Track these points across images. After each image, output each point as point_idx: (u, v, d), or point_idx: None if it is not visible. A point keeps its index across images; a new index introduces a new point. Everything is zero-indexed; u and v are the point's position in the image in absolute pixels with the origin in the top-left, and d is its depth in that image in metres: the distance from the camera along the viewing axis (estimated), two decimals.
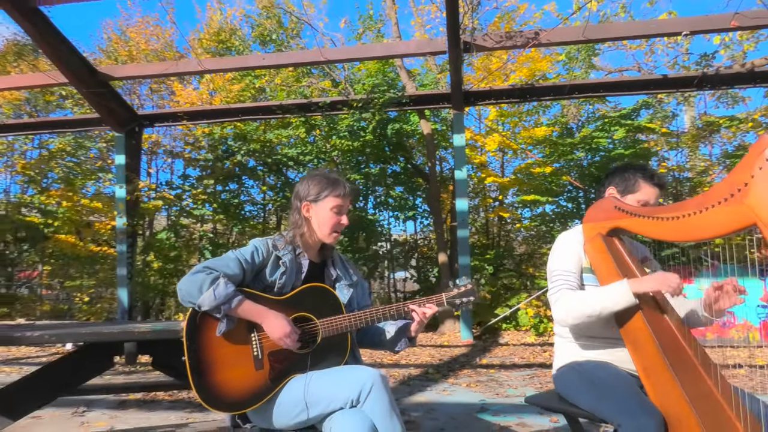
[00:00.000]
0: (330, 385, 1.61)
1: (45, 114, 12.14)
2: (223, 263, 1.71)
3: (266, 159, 10.41)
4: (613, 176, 2.00)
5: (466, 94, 8.96)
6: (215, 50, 12.80)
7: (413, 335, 1.94)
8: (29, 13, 7.50)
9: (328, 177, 1.92)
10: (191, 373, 1.59)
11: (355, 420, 1.51)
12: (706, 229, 1.52)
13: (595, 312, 1.68)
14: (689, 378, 1.49)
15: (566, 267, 1.86)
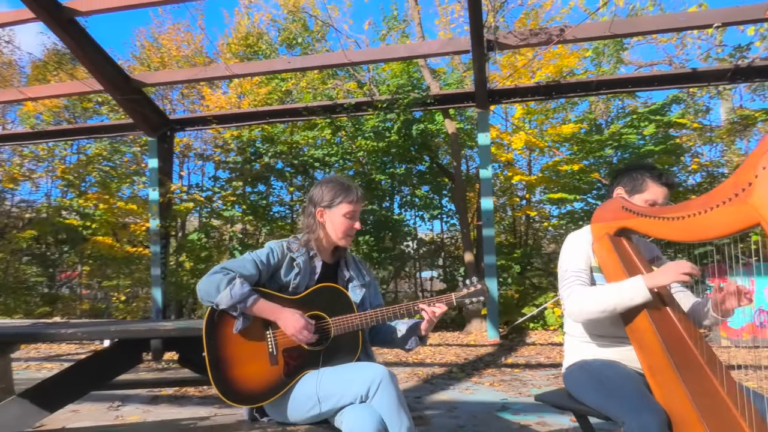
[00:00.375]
0: (341, 381, 1.68)
1: (83, 120, 12.62)
2: (239, 264, 1.80)
3: (293, 161, 10.58)
4: (621, 176, 2.01)
5: (491, 92, 8.93)
6: (243, 54, 13.06)
7: (423, 334, 1.99)
8: (66, 23, 7.81)
9: (341, 183, 1.99)
10: (210, 368, 1.68)
11: (364, 414, 1.58)
12: (711, 228, 1.52)
13: (609, 307, 1.70)
14: (694, 377, 1.50)
15: (577, 265, 1.88)
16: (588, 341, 1.92)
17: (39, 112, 11.96)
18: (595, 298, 1.74)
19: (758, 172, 1.41)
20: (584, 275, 1.86)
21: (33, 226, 12.24)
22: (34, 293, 12.29)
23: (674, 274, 1.62)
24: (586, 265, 1.89)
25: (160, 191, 9.42)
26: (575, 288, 1.82)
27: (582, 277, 1.85)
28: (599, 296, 1.74)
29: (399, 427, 1.59)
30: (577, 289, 1.81)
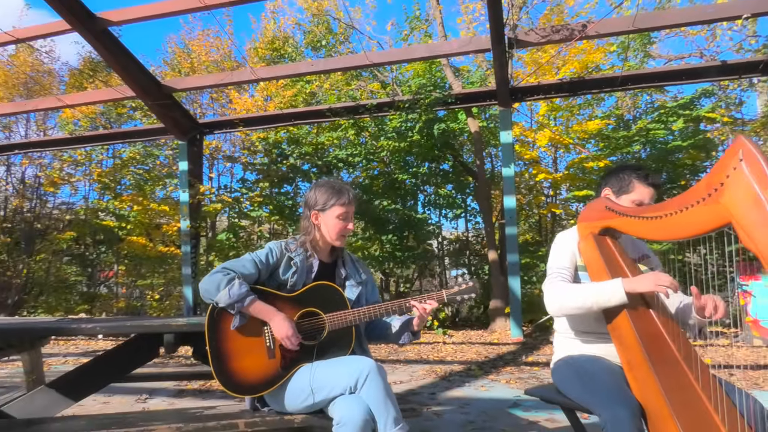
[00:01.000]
0: (332, 373, 1.78)
1: (118, 125, 13.11)
2: (239, 264, 1.92)
3: (317, 162, 10.76)
4: (608, 177, 2.05)
5: (513, 90, 8.90)
6: (269, 58, 13.33)
7: (416, 329, 2.07)
8: (99, 34, 8.13)
9: (333, 186, 2.09)
10: (212, 361, 1.81)
11: (352, 405, 1.67)
12: (686, 227, 1.56)
13: (585, 305, 1.75)
14: (669, 372, 1.54)
15: (561, 263, 1.94)
16: (574, 337, 1.97)
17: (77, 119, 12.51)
18: (575, 295, 1.79)
19: (729, 173, 1.45)
20: (567, 273, 1.91)
21: (72, 227, 12.79)
22: (74, 292, 12.86)
23: (652, 284, 1.66)
24: (571, 263, 1.94)
25: (190, 193, 9.72)
26: (557, 283, 1.88)
27: (564, 275, 1.90)
28: (579, 294, 1.78)
29: (386, 416, 1.68)
30: (558, 285, 1.86)
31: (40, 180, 13.33)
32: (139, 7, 7.92)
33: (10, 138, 13.78)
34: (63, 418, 2.02)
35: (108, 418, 1.93)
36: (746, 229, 1.40)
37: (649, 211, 1.69)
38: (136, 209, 11.31)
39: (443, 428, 3.37)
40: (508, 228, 8.50)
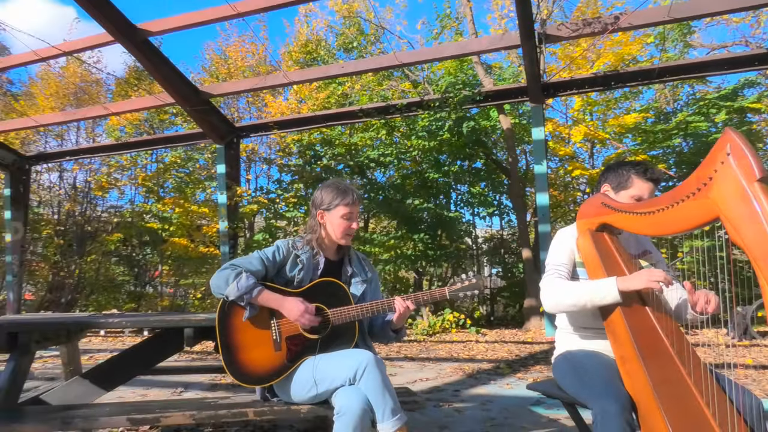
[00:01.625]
0: (333, 366, 1.86)
1: (160, 131, 13.65)
2: (247, 261, 2.02)
3: (348, 162, 10.90)
4: (607, 173, 2.04)
5: (545, 85, 8.77)
6: (303, 61, 13.57)
7: (396, 328, 2.12)
8: (140, 44, 8.49)
9: (338, 187, 2.17)
10: (222, 353, 1.92)
11: (351, 395, 1.75)
12: (678, 222, 1.56)
13: (580, 303, 1.77)
14: (660, 366, 1.54)
15: (558, 260, 1.95)
16: (573, 333, 1.98)
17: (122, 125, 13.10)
18: (570, 293, 1.80)
19: (717, 167, 1.44)
20: (564, 269, 1.93)
21: (119, 229, 13.41)
22: (122, 291, 13.48)
23: (646, 281, 1.66)
24: (569, 259, 1.95)
25: (228, 195, 10.03)
26: (553, 280, 1.89)
27: (561, 271, 1.92)
28: (574, 292, 1.80)
29: (383, 407, 1.75)
30: (555, 282, 1.88)
31: (90, 185, 14.02)
32: (176, 17, 8.24)
33: (62, 145, 14.56)
34: (91, 405, 2.18)
35: (131, 406, 2.08)
36: (733, 223, 1.39)
37: (643, 207, 1.69)
38: (177, 211, 11.76)
39: (462, 424, 3.40)
40: (541, 225, 8.40)
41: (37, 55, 9.10)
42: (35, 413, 1.93)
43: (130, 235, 13.50)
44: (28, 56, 9.18)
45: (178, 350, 2.54)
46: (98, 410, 1.96)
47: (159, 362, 2.54)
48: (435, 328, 9.39)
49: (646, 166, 1.96)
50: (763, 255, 1.31)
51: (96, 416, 1.83)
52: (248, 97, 13.30)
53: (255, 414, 1.89)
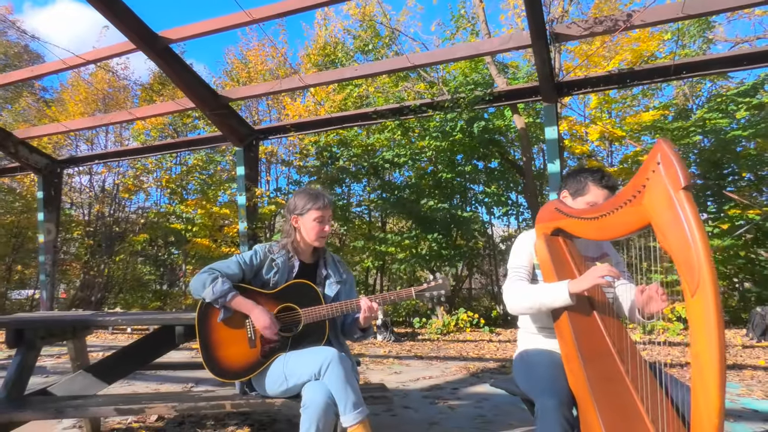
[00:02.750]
0: (300, 362, 1.99)
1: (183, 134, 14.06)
2: (225, 265, 2.17)
3: (363, 163, 11.03)
4: (567, 179, 2.11)
5: (559, 84, 8.74)
6: (322, 63, 13.77)
7: (362, 326, 2.23)
8: (162, 51, 8.76)
9: (310, 193, 2.30)
10: (201, 350, 2.06)
11: (316, 389, 1.88)
12: (617, 228, 1.63)
13: (534, 306, 1.85)
14: (598, 364, 1.62)
15: (518, 262, 2.04)
16: (535, 332, 2.06)
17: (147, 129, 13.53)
18: (526, 296, 1.89)
19: (649, 176, 1.51)
20: (523, 271, 2.01)
21: (146, 230, 13.86)
22: (148, 289, 13.93)
23: (593, 279, 1.73)
24: (528, 262, 2.03)
25: (247, 196, 10.28)
26: (513, 283, 1.98)
27: (521, 273, 2.00)
28: (529, 295, 1.88)
29: (345, 400, 1.87)
30: (513, 285, 1.97)
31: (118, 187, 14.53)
32: (194, 25, 8.48)
33: (92, 149, 15.11)
34: (87, 396, 2.36)
35: (121, 397, 2.24)
36: (661, 229, 1.46)
37: (589, 213, 1.76)
38: (200, 213, 12.10)
39: (452, 421, 3.50)
40: None
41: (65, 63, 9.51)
42: (35, 403, 2.11)
43: (156, 235, 13.94)
44: (57, 65, 9.59)
45: (173, 347, 2.70)
46: (90, 401, 2.13)
47: (155, 358, 2.71)
48: (449, 328, 9.46)
49: (603, 173, 2.02)
50: (685, 260, 1.38)
51: (86, 406, 2.00)
52: (268, 100, 13.58)
53: (232, 406, 2.03)
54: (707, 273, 1.33)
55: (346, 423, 1.86)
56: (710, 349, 1.31)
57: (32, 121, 15.82)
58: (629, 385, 1.58)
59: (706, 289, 1.33)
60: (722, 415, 1.30)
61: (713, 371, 1.30)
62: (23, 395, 2.29)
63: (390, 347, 7.87)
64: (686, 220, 1.39)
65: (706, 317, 1.32)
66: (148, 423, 3.49)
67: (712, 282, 1.33)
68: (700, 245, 1.35)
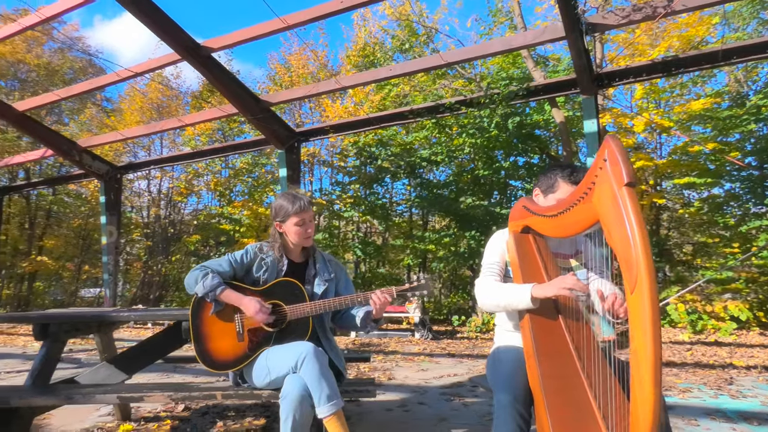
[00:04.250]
0: (281, 355, 2.10)
1: (231, 139, 14.60)
2: (217, 263, 2.31)
3: (399, 162, 11.10)
4: (540, 176, 2.10)
5: (598, 76, 8.49)
6: (362, 64, 13.93)
7: (376, 317, 2.31)
8: (205, 60, 9.17)
9: (288, 198, 2.40)
10: (193, 342, 2.21)
11: (293, 382, 1.98)
12: (572, 225, 1.63)
13: (501, 304, 1.87)
14: (554, 362, 1.62)
15: (491, 260, 2.05)
16: (510, 330, 2.07)
17: (197, 135, 14.17)
18: (493, 295, 1.90)
19: (597, 173, 1.51)
20: (495, 267, 2.02)
21: (198, 231, 14.52)
22: None
23: (557, 289, 1.72)
24: (501, 259, 2.04)
25: None
26: (483, 280, 2.00)
27: (493, 270, 2.01)
28: (496, 293, 1.89)
29: (319, 392, 1.96)
30: (484, 282, 1.98)
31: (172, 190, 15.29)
32: (233, 34, 8.83)
33: (149, 155, 15.98)
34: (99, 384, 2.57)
35: (126, 387, 2.43)
36: (608, 226, 1.46)
37: (550, 210, 1.76)
38: (246, 214, 12.55)
39: (462, 417, 3.52)
40: None
41: (118, 75, 10.13)
42: (53, 390, 2.33)
43: (207, 236, 14.57)
44: (111, 77, 10.23)
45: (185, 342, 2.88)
46: (97, 389, 2.33)
47: (170, 352, 2.91)
48: (489, 326, 9.38)
49: (573, 169, 2.00)
50: (626, 258, 1.38)
51: (93, 394, 2.19)
52: (311, 103, 13.90)
53: (222, 396, 2.17)
54: (644, 270, 1.32)
55: (320, 414, 1.95)
56: (646, 346, 1.31)
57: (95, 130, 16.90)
58: (584, 382, 1.58)
59: (643, 287, 1.32)
60: (657, 411, 1.30)
61: (648, 367, 1.30)
62: (49, 383, 2.53)
63: (426, 345, 7.91)
64: (627, 217, 1.38)
65: (643, 314, 1.32)
66: (175, 413, 3.73)
67: (648, 279, 1.32)
68: (639, 242, 1.35)
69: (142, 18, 7.92)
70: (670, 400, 3.80)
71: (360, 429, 3.25)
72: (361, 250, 10.88)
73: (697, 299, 7.96)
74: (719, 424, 3.14)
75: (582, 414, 1.51)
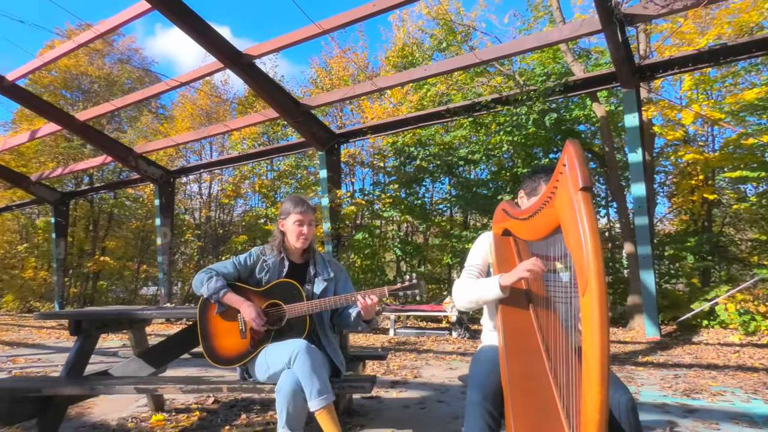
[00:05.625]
0: (277, 352, 2.23)
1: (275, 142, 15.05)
2: (222, 266, 2.46)
3: (436, 161, 11.10)
4: (525, 179, 2.12)
5: (640, 68, 8.23)
6: (401, 65, 14.01)
7: (366, 319, 2.40)
8: (247, 67, 9.53)
9: (293, 200, 2.54)
10: (201, 340, 2.38)
11: (287, 377, 2.11)
12: (540, 228, 1.66)
13: (473, 299, 1.92)
14: (523, 361, 1.65)
15: (471, 262, 2.10)
16: (491, 329, 2.09)
17: (243, 139, 14.69)
18: (465, 291, 1.95)
19: (559, 177, 1.54)
20: (475, 269, 2.06)
21: (245, 232, 15.04)
22: None
23: (520, 272, 1.76)
24: (482, 261, 2.08)
25: (330, 197, 10.83)
26: (461, 280, 2.04)
27: (472, 272, 2.05)
28: (468, 289, 1.94)
29: (311, 387, 2.07)
30: (460, 282, 2.03)
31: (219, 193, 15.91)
32: (272, 41, 9.11)
33: (200, 160, 16.69)
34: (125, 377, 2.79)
35: (142, 379, 2.62)
36: (566, 230, 1.49)
37: (522, 213, 1.79)
38: None
39: None
40: (638, 218, 7.93)
41: (167, 85, 10.68)
42: (80, 380, 2.56)
43: (254, 236, 15.07)
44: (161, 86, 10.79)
45: None
46: (117, 380, 2.53)
47: (192, 348, 3.11)
48: None
49: None
50: (579, 261, 1.41)
51: (113, 384, 2.40)
52: (352, 105, 14.12)
53: (228, 389, 2.32)
54: (594, 274, 1.35)
55: (312, 408, 2.06)
56: (593, 348, 1.34)
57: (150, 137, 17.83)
58: (551, 381, 1.60)
59: (593, 291, 1.35)
60: (604, 412, 1.33)
61: (595, 369, 1.33)
62: (82, 375, 2.77)
63: (461, 344, 7.91)
64: (581, 221, 1.41)
65: (592, 317, 1.35)
66: (205, 405, 3.95)
67: (597, 283, 1.35)
68: (590, 247, 1.37)
69: (186, 29, 8.34)
70: (695, 403, 3.68)
71: (375, 425, 3.34)
72: (400, 250, 10.97)
73: (749, 299, 7.57)
74: (741, 428, 3.03)
75: (545, 413, 1.54)
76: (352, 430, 3.20)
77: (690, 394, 3.97)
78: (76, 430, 3.29)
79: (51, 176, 15.52)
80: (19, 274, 18.87)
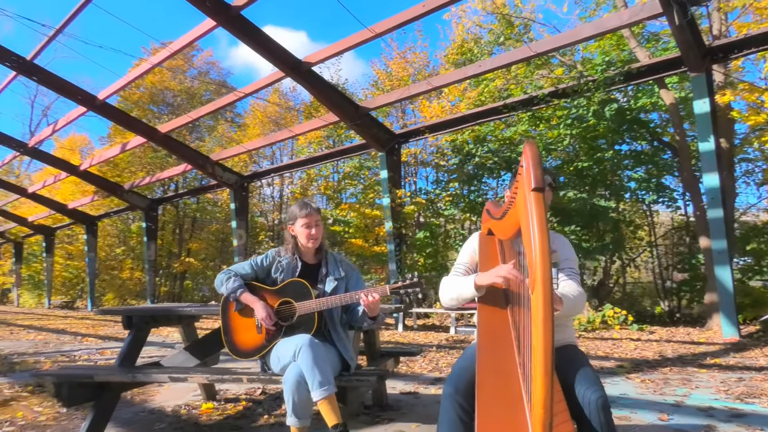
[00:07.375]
0: (285, 346, 2.40)
1: (339, 145, 15.47)
2: (240, 267, 2.67)
3: (493, 158, 10.92)
4: (510, 178, 2.13)
5: (711, 49, 7.70)
6: (461, 61, 13.89)
7: (371, 316, 2.51)
8: (306, 74, 9.91)
9: (299, 204, 2.70)
10: (222, 334, 2.60)
11: (291, 369, 2.28)
12: (509, 228, 1.70)
13: (453, 296, 1.98)
14: (494, 357, 1.69)
15: (460, 260, 2.15)
16: None
17: (309, 143, 15.24)
18: (449, 288, 2.00)
19: (519, 178, 1.59)
20: (462, 268, 2.10)
21: None
22: None
23: (492, 276, 1.79)
24: (470, 259, 2.11)
25: (390, 197, 11.00)
26: (446, 278, 2.10)
27: (458, 270, 2.10)
28: (450, 287, 1.99)
29: (313, 379, 2.22)
30: (446, 279, 2.08)
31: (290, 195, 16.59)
32: (328, 48, 9.42)
33: (271, 164, 17.51)
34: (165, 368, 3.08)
35: (176, 369, 2.88)
36: (523, 229, 1.53)
37: (498, 213, 1.82)
38: (353, 215, 13.23)
39: None
40: (711, 210, 7.45)
41: (236, 95, 11.34)
42: (126, 370, 2.87)
43: None
44: (230, 97, 11.47)
45: None
46: (155, 369, 2.82)
47: None
48: (594, 324, 8.95)
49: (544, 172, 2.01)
50: (530, 259, 1.46)
51: (151, 374, 2.68)
52: (412, 105, 14.22)
53: (248, 380, 2.53)
54: (540, 272, 1.39)
55: (314, 398, 2.21)
56: (538, 346, 1.38)
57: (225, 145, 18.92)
58: (520, 377, 1.64)
59: (539, 289, 1.39)
60: (547, 408, 1.37)
61: (540, 366, 1.37)
62: (134, 364, 3.11)
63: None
64: (531, 221, 1.45)
65: (537, 315, 1.39)
66: (253, 396, 4.24)
67: (543, 282, 1.39)
68: (538, 246, 1.41)
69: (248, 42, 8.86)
70: (747, 407, 3.47)
71: (404, 419, 3.43)
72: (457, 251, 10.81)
73: None
74: None
75: (511, 408, 1.58)
76: (381, 423, 3.32)
77: (744, 399, 3.73)
78: (136, 414, 3.67)
79: (141, 184, 16.93)
80: (117, 275, 20.74)
